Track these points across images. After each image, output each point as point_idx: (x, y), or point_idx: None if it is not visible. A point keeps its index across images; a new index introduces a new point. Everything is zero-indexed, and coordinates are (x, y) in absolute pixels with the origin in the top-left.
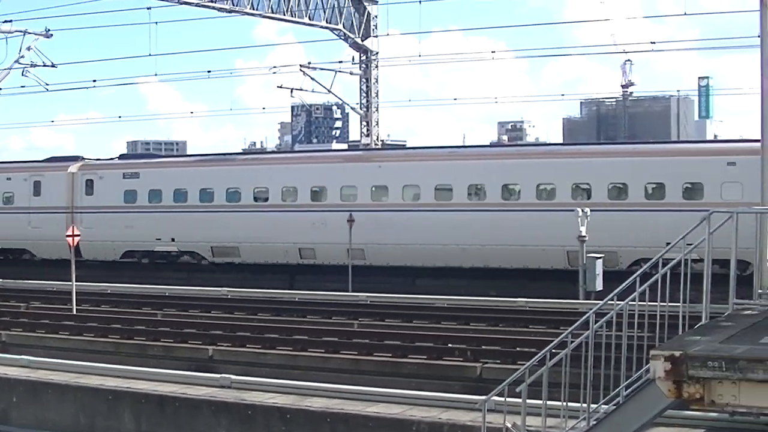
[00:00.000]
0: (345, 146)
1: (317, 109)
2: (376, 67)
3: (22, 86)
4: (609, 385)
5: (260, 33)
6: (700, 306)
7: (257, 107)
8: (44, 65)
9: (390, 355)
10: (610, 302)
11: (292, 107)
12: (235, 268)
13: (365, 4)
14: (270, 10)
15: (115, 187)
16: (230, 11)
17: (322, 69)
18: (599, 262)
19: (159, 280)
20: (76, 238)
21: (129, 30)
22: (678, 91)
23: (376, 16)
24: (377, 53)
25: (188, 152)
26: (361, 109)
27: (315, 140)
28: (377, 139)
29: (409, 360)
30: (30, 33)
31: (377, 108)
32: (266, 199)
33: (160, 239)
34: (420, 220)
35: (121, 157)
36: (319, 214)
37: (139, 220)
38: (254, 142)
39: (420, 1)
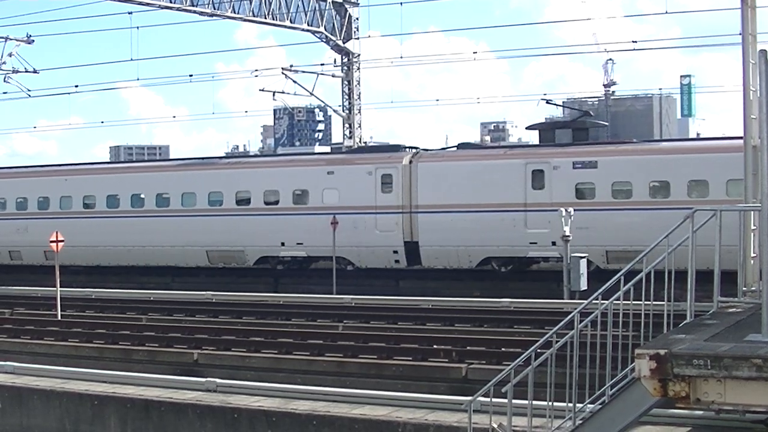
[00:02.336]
0: (328, 149)
1: (299, 111)
2: (358, 69)
3: (4, 92)
4: (594, 384)
5: (241, 36)
6: (684, 304)
7: (239, 111)
8: (26, 71)
9: (375, 356)
10: (594, 301)
11: (275, 110)
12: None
13: (346, 6)
14: (251, 14)
15: None
16: (211, 15)
17: (303, 72)
18: (583, 262)
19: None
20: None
21: (110, 35)
22: (660, 89)
23: (357, 18)
24: (359, 55)
25: (171, 156)
26: (343, 111)
27: (298, 143)
28: (360, 141)
29: (395, 362)
30: (11, 39)
31: (359, 110)
32: None
33: None
34: None
35: None
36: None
37: None
38: (237, 146)
39: (401, 3)
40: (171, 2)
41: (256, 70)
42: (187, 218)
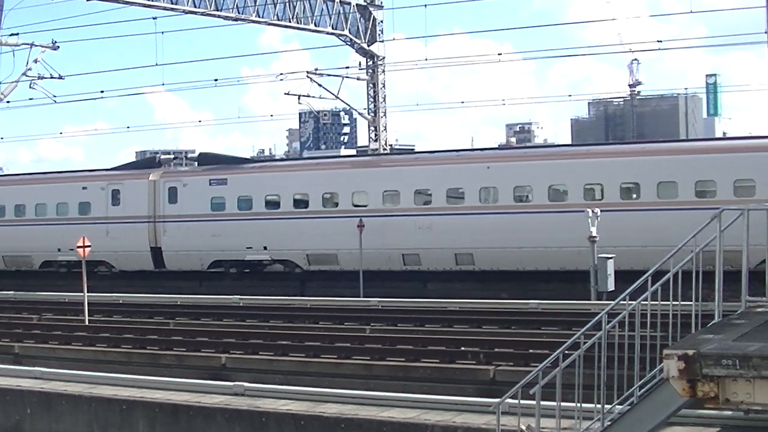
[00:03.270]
0: (353, 152)
1: (325, 115)
2: (383, 71)
3: (29, 99)
4: (623, 385)
5: (265, 41)
6: (712, 304)
7: (265, 114)
8: (51, 77)
9: (403, 359)
10: (622, 302)
11: (300, 114)
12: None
13: (370, 9)
14: (276, 18)
15: None
16: (236, 19)
17: (328, 75)
18: (610, 262)
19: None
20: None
21: (135, 40)
22: (686, 89)
23: (381, 21)
24: (383, 58)
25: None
26: (368, 114)
27: (323, 146)
28: (385, 144)
29: (422, 364)
30: (37, 45)
31: (385, 113)
32: None
33: None
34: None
35: None
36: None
37: None
38: (262, 150)
39: (425, 5)
40: (195, 7)
41: (281, 74)
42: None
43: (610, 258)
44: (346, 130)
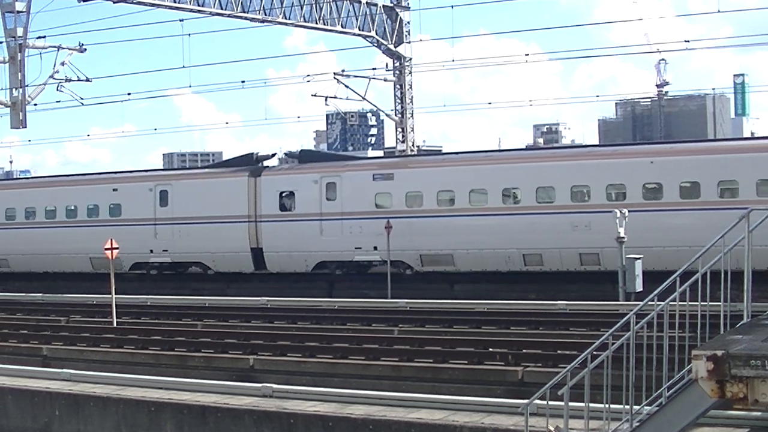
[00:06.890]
0: (381, 153)
1: (352, 116)
2: (410, 73)
3: (57, 101)
4: (651, 386)
5: (290, 43)
6: (741, 305)
7: (292, 116)
8: (79, 80)
9: (431, 360)
10: (650, 303)
11: (327, 115)
12: None
13: (397, 10)
14: (302, 19)
15: None
16: (262, 21)
17: (355, 76)
18: (638, 263)
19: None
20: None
21: (162, 43)
22: (713, 89)
23: (408, 22)
24: (410, 59)
25: None
26: (396, 115)
27: (351, 147)
28: (413, 145)
29: (450, 365)
30: (64, 48)
31: (412, 114)
32: None
33: None
34: None
35: None
36: None
37: None
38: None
39: (452, 6)
40: (222, 9)
41: (308, 76)
42: None
43: (639, 258)
44: (374, 131)
